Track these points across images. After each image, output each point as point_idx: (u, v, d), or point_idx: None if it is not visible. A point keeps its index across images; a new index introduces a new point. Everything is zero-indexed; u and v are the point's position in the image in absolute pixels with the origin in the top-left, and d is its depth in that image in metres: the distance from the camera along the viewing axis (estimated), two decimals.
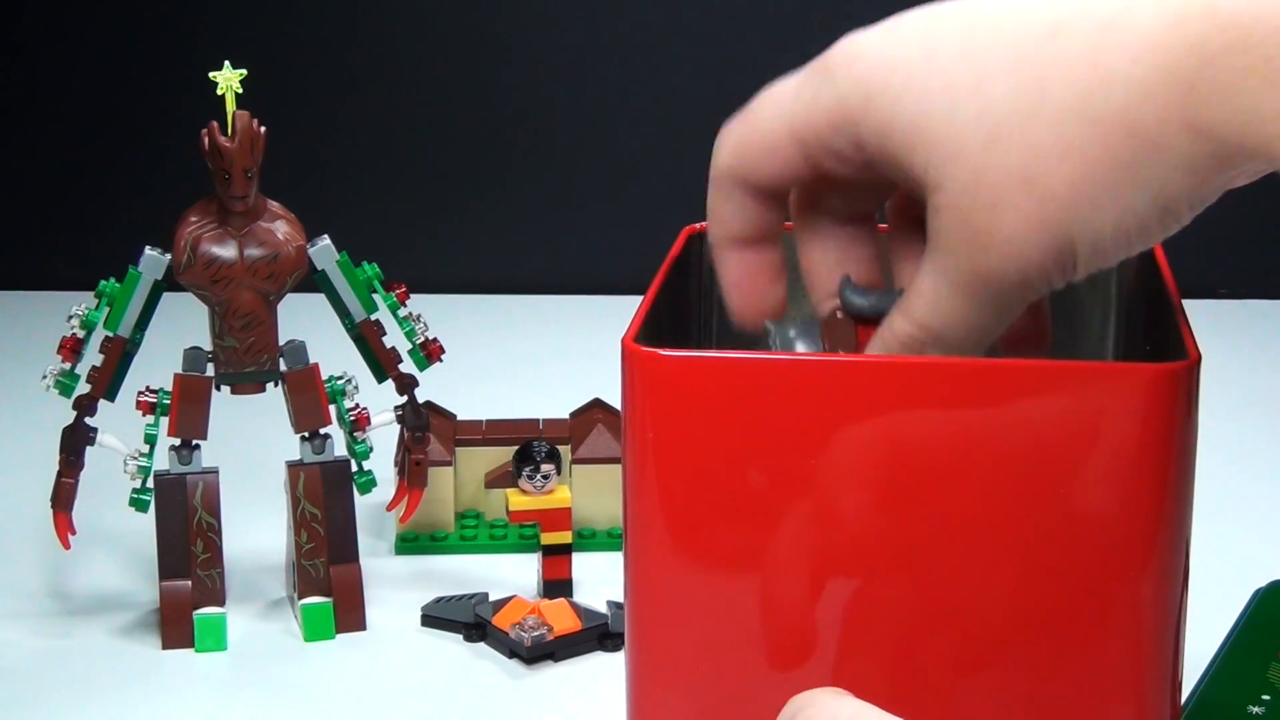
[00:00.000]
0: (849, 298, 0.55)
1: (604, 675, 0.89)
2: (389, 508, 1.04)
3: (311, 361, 0.95)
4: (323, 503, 0.96)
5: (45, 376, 0.93)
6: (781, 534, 0.54)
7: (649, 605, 0.70)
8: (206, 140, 0.89)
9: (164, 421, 0.94)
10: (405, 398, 0.99)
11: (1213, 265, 1.67)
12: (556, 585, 0.98)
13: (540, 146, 1.79)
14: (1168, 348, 0.64)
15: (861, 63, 0.49)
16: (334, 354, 0.97)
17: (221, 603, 0.95)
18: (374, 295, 0.96)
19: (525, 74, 1.77)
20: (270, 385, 0.96)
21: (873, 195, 0.56)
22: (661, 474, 0.67)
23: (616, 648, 0.91)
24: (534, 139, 1.79)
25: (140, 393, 0.94)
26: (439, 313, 1.04)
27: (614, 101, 1.78)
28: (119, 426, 0.96)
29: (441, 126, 1.79)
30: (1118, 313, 0.88)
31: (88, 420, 0.94)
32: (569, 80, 1.77)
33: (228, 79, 0.90)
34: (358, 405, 0.98)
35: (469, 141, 1.79)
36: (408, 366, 0.98)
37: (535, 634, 0.90)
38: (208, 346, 0.94)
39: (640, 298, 0.60)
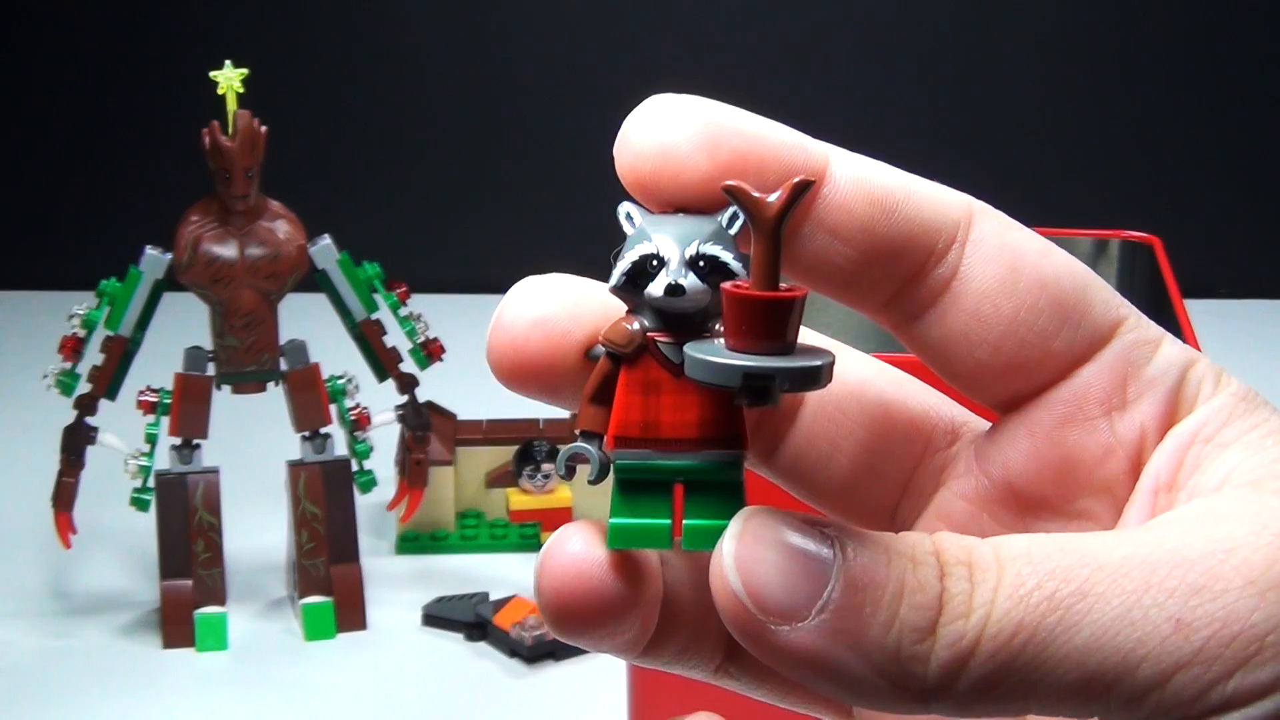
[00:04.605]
0: None
1: (604, 675, 0.89)
2: (389, 507, 1.04)
3: (312, 361, 0.95)
4: (323, 502, 0.96)
5: (46, 376, 0.93)
6: None
7: None
8: (207, 140, 0.89)
9: (165, 421, 0.94)
10: (406, 397, 0.99)
11: (1213, 265, 1.68)
12: None
13: (541, 147, 1.79)
14: None
15: None
16: (335, 354, 0.97)
17: (222, 602, 0.95)
18: (375, 295, 0.96)
19: (526, 75, 1.77)
20: (271, 385, 0.96)
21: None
22: None
23: None
24: (535, 140, 1.79)
25: (141, 392, 0.94)
26: (439, 313, 1.04)
27: (615, 103, 1.77)
28: (120, 426, 0.96)
29: (442, 127, 1.79)
30: None
31: (88, 419, 0.94)
32: (570, 81, 1.77)
33: (229, 78, 0.90)
34: (358, 405, 0.98)
35: (470, 142, 1.79)
36: (408, 366, 0.98)
37: (536, 633, 0.90)
38: (208, 346, 0.94)
39: None
